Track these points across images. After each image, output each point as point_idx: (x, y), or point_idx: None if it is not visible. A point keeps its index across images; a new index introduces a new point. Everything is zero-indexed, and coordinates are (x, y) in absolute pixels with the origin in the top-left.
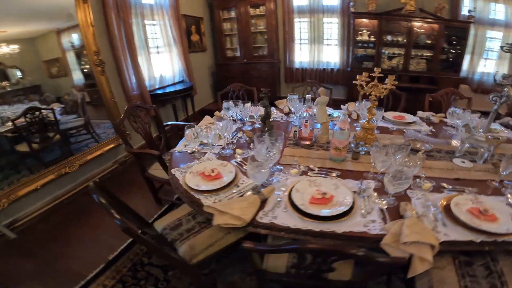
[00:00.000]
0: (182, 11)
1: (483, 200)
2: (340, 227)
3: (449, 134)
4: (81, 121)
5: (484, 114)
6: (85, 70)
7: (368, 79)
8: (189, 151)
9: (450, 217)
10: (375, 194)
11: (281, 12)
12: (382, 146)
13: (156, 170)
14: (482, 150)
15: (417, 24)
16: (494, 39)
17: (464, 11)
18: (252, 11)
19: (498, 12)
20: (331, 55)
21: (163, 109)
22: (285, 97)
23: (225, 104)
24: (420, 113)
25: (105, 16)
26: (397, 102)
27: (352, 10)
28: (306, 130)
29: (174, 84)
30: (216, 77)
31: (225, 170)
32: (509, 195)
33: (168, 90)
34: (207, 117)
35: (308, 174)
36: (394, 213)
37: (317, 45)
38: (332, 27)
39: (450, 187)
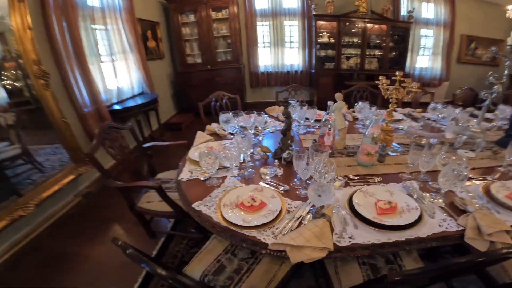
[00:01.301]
0: (136, 14)
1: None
2: (420, 232)
3: (437, 128)
4: (16, 149)
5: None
6: (7, 86)
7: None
8: (201, 178)
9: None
10: (428, 194)
11: (243, 16)
12: (417, 146)
13: (149, 203)
14: (478, 140)
15: (369, 25)
16: (427, 36)
17: (403, 12)
18: (214, 14)
19: (429, 11)
20: (294, 57)
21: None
22: (255, 103)
23: (222, 117)
24: (400, 110)
25: (45, 18)
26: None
27: (314, 13)
28: (329, 138)
29: (133, 97)
30: (176, 86)
31: (266, 196)
32: None
33: (128, 104)
34: (200, 133)
35: (350, 184)
36: (455, 209)
37: (280, 48)
38: (293, 29)
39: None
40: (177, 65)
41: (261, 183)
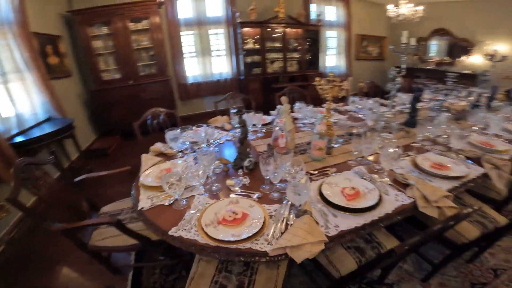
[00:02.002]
0: (32, 28)
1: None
2: (386, 209)
3: (359, 118)
4: None
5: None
6: None
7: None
8: (165, 203)
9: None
10: (375, 175)
11: (166, 26)
12: (358, 136)
13: (104, 240)
14: (392, 123)
15: (288, 30)
16: (332, 37)
17: (313, 16)
18: (132, 26)
19: (332, 14)
20: (222, 65)
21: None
22: (188, 116)
23: (169, 135)
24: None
25: None
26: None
27: (239, 20)
28: (283, 140)
29: (39, 124)
30: (93, 107)
31: (244, 207)
32: (436, 150)
33: (34, 134)
34: (146, 156)
35: (313, 179)
36: (399, 184)
37: (207, 57)
38: (219, 38)
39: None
40: (90, 83)
41: (232, 195)
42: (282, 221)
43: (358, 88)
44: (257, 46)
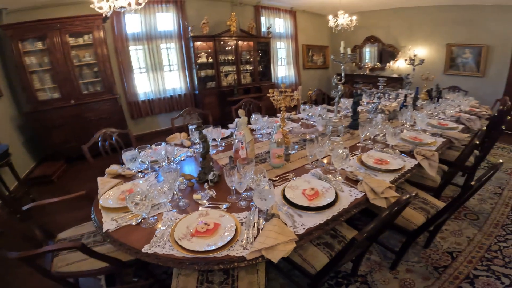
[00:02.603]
0: None
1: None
2: (345, 204)
3: (311, 124)
4: None
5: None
6: None
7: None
8: (133, 223)
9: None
10: (330, 175)
11: (112, 41)
12: (310, 141)
13: (69, 266)
14: (339, 127)
15: (240, 42)
16: (281, 48)
17: (264, 28)
18: (72, 41)
19: (281, 26)
20: (175, 81)
21: None
22: (141, 135)
23: (127, 155)
24: (279, 115)
25: None
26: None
27: (191, 34)
28: (243, 152)
29: None
30: (29, 131)
31: (215, 217)
32: (377, 147)
33: None
34: (102, 179)
35: (275, 185)
36: (351, 181)
37: (159, 72)
38: (171, 52)
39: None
40: (24, 104)
41: (201, 208)
42: (253, 226)
43: (308, 96)
44: (210, 60)
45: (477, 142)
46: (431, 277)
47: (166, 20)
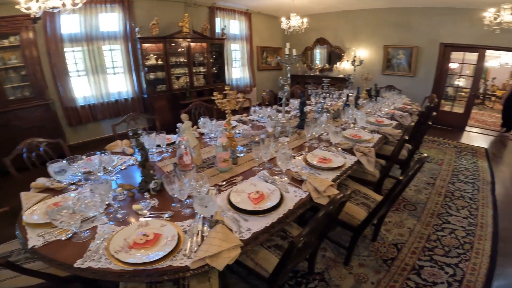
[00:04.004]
0: None
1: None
2: (290, 205)
3: (261, 125)
4: None
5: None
6: None
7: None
8: (62, 238)
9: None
10: (276, 177)
11: (43, 42)
12: (255, 143)
13: (1, 282)
14: (287, 128)
15: (192, 44)
16: (235, 50)
17: (218, 30)
18: None
19: (235, 28)
20: (120, 84)
21: None
22: (82, 144)
23: (54, 167)
24: (232, 118)
25: None
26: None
27: (139, 36)
28: (188, 158)
29: None
30: None
31: (155, 228)
32: (323, 148)
33: None
34: (26, 194)
35: (222, 190)
36: (296, 181)
37: (101, 75)
38: (115, 54)
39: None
40: None
41: (142, 219)
42: (197, 234)
43: (262, 97)
44: (160, 62)
45: (406, 138)
46: (381, 270)
47: (110, 20)
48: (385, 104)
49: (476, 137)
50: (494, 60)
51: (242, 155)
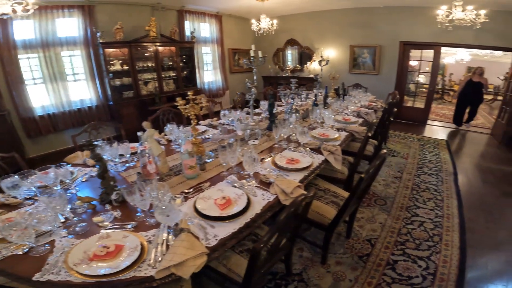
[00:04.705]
0: None
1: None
2: (257, 209)
3: (231, 129)
4: None
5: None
6: None
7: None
8: (19, 252)
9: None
10: (244, 181)
11: None
12: (222, 148)
13: None
14: (256, 130)
15: (160, 48)
16: (207, 53)
17: (188, 33)
18: None
19: (206, 31)
20: (82, 91)
21: None
22: (43, 156)
23: (6, 183)
24: (202, 122)
25: None
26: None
27: (101, 41)
28: (152, 166)
29: None
30: None
31: (117, 239)
32: (291, 148)
33: None
34: None
35: (189, 197)
36: (264, 184)
37: (60, 83)
38: (76, 60)
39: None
40: None
41: (103, 231)
42: (162, 243)
43: (233, 100)
44: (126, 68)
45: (370, 134)
46: (358, 266)
47: (69, 25)
48: (352, 102)
49: (437, 130)
50: (450, 56)
51: (210, 160)
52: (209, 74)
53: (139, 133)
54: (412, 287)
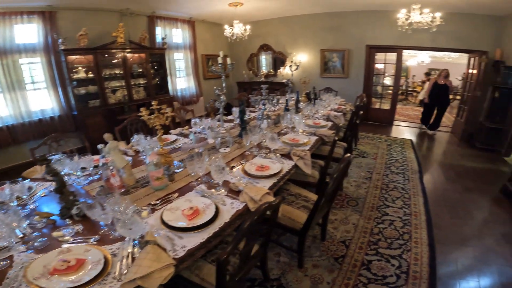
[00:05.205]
0: None
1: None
2: (226, 218)
3: (203, 137)
4: None
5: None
6: None
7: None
8: None
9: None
10: (214, 190)
11: None
12: (190, 158)
13: None
14: (227, 138)
15: (129, 55)
16: (179, 59)
17: (158, 39)
18: None
19: (178, 36)
20: (44, 101)
21: None
22: (4, 169)
23: None
24: (173, 131)
25: None
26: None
27: (63, 47)
28: (116, 179)
29: None
30: None
31: (78, 253)
32: (262, 154)
33: None
34: None
35: (156, 209)
36: (234, 192)
37: (19, 92)
38: (35, 67)
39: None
40: None
41: (64, 245)
42: (128, 256)
43: (205, 107)
44: (91, 75)
45: (336, 138)
46: (334, 268)
47: (28, 32)
48: (322, 106)
49: (403, 130)
50: (412, 59)
51: (180, 170)
52: (182, 81)
53: (99, 146)
54: (388, 286)
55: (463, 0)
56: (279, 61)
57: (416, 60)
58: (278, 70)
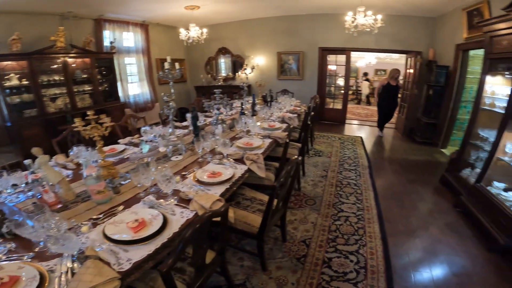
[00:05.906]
0: None
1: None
2: (175, 228)
3: (154, 146)
4: None
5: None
6: None
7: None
8: None
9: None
10: (162, 200)
11: None
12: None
13: None
14: (180, 146)
15: (70, 60)
16: (131, 64)
17: (106, 42)
18: None
19: (129, 40)
20: None
21: None
22: None
23: None
24: (121, 141)
25: None
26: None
27: None
28: (49, 195)
29: None
30: None
31: (10, 271)
32: (215, 160)
33: None
34: None
35: (98, 223)
36: (185, 201)
37: None
38: None
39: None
40: None
41: None
42: (67, 272)
43: (159, 114)
44: (25, 82)
45: (287, 140)
46: (297, 268)
47: None
48: (278, 109)
49: (354, 128)
50: (361, 60)
51: (126, 182)
52: (134, 86)
53: (26, 162)
54: (349, 282)
55: (401, 2)
56: (238, 64)
57: (364, 61)
58: (237, 74)
